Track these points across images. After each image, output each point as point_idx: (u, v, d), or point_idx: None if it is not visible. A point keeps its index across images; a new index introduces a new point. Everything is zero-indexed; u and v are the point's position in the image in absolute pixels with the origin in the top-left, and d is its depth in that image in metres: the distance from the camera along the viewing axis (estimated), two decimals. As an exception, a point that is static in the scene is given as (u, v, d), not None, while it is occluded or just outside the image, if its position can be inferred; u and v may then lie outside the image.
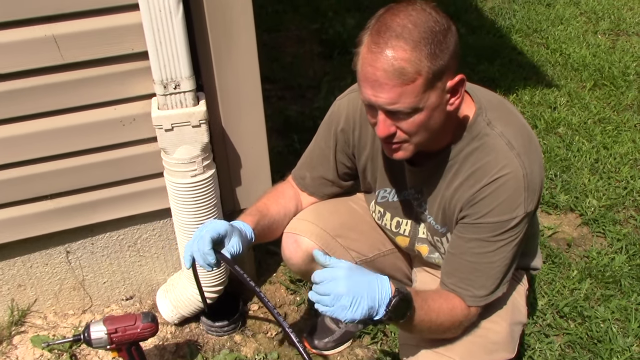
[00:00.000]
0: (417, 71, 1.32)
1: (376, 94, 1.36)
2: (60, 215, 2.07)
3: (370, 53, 1.34)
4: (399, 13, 1.35)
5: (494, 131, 1.50)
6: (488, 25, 4.53)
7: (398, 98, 1.35)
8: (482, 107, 1.53)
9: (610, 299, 2.37)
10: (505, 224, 1.50)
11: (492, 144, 1.50)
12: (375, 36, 1.35)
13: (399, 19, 1.34)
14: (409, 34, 1.32)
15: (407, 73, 1.32)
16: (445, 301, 1.55)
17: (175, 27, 1.77)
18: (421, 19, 1.34)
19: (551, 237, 2.70)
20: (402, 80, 1.32)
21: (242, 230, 1.62)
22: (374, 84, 1.35)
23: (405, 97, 1.34)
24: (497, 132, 1.50)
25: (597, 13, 4.70)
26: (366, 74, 1.36)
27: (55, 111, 1.91)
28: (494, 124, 1.51)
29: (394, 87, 1.33)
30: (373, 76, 1.34)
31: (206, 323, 2.24)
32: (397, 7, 1.38)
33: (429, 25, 1.33)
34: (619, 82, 3.80)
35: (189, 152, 1.93)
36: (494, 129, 1.50)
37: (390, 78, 1.33)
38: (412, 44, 1.32)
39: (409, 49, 1.31)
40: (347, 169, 1.84)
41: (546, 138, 3.28)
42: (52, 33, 1.79)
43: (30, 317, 2.28)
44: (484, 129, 1.51)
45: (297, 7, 4.78)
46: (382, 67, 1.33)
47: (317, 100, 3.58)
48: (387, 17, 1.36)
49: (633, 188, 2.93)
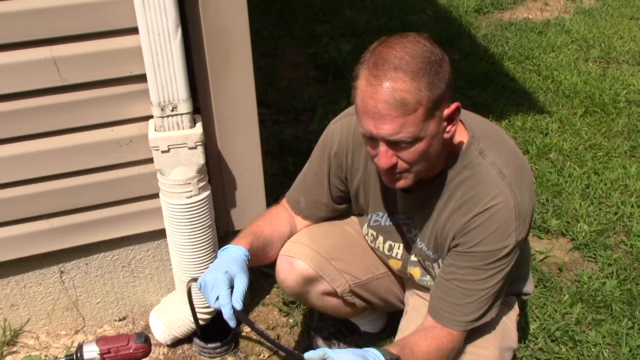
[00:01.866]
0: (418, 101, 1.35)
1: (378, 126, 1.38)
2: (55, 235, 2.08)
3: (370, 86, 1.36)
4: (395, 45, 1.38)
5: (486, 160, 1.53)
6: (481, 51, 4.59)
7: (400, 128, 1.37)
8: (475, 135, 1.56)
9: (601, 323, 2.38)
10: (497, 253, 1.52)
11: (484, 173, 1.52)
12: (373, 69, 1.37)
13: (395, 52, 1.37)
14: (407, 65, 1.35)
15: (409, 103, 1.34)
16: (431, 342, 1.56)
17: (174, 51, 1.80)
18: (417, 50, 1.37)
19: (543, 261, 2.72)
20: (404, 111, 1.35)
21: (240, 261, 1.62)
22: (375, 115, 1.37)
23: (407, 127, 1.37)
24: (488, 162, 1.52)
25: (588, 41, 4.78)
26: (367, 107, 1.38)
27: (53, 132, 1.93)
28: (485, 152, 1.53)
29: (396, 117, 1.35)
30: (374, 108, 1.36)
31: (199, 344, 2.24)
32: (391, 40, 1.41)
33: (425, 56, 1.36)
34: (609, 109, 3.85)
35: (185, 174, 1.95)
36: (486, 158, 1.53)
37: (392, 109, 1.35)
38: (411, 74, 1.34)
39: (409, 80, 1.34)
40: (341, 193, 1.86)
41: (538, 163, 3.32)
42: (52, 55, 1.82)
43: (22, 337, 2.27)
44: (475, 158, 1.53)
45: (292, 32, 4.84)
46: (384, 99, 1.35)
47: (312, 123, 3.61)
48: (383, 50, 1.38)
49: (623, 213, 2.96)
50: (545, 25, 5.05)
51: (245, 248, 1.66)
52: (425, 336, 1.58)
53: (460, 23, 5.08)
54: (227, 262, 1.60)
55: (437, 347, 1.56)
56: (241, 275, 1.57)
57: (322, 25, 4.96)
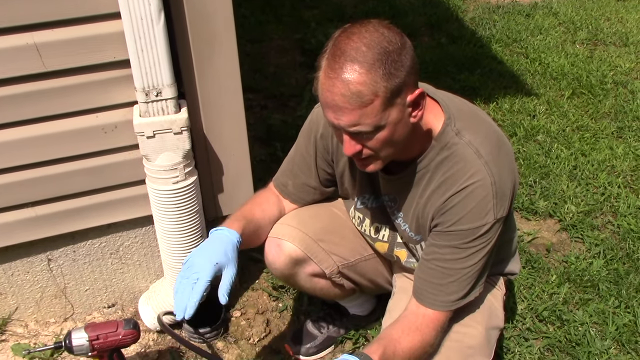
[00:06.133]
0: (374, 92, 1.35)
1: (338, 117, 1.39)
2: (41, 222, 2.07)
3: (328, 79, 1.37)
4: (352, 36, 1.37)
5: (462, 140, 1.53)
6: (468, 35, 4.59)
7: (358, 119, 1.38)
8: (452, 116, 1.56)
9: (588, 302, 2.40)
10: (475, 231, 1.53)
11: (461, 152, 1.53)
12: (331, 61, 1.37)
13: (352, 42, 1.36)
14: (363, 57, 1.34)
15: (364, 95, 1.34)
16: (414, 337, 1.57)
17: (157, 35, 1.79)
18: (375, 40, 1.36)
19: (530, 242, 2.73)
20: (361, 103, 1.35)
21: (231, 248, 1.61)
22: (334, 107, 1.38)
23: (365, 118, 1.37)
24: (465, 141, 1.53)
25: (575, 23, 4.78)
26: (326, 99, 1.39)
27: (37, 119, 1.91)
28: (462, 133, 1.54)
29: (353, 110, 1.36)
30: (332, 101, 1.38)
31: (188, 330, 2.24)
32: (351, 30, 1.40)
33: (382, 46, 1.36)
34: (596, 90, 3.86)
35: (171, 159, 1.94)
36: (462, 138, 1.53)
37: (348, 102, 1.36)
38: (366, 66, 1.34)
39: (364, 72, 1.34)
40: (328, 175, 1.87)
41: (525, 145, 3.33)
42: (34, 41, 1.80)
43: (11, 326, 2.27)
44: (452, 138, 1.54)
45: (280, 17, 4.81)
46: (340, 92, 1.35)
47: (300, 109, 3.61)
48: (341, 41, 1.38)
49: (610, 194, 2.98)
50: (532, 8, 5.05)
51: (238, 233, 1.66)
52: (409, 330, 1.58)
53: (447, 6, 5.07)
54: (218, 248, 1.59)
55: (421, 341, 1.57)
56: (230, 266, 1.58)
57: (310, 10, 4.94)
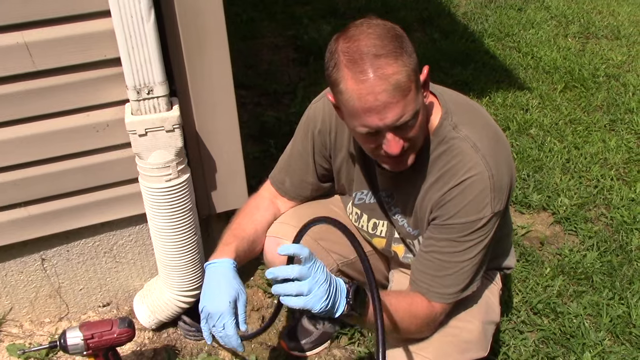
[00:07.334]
0: (408, 77, 1.35)
1: (383, 117, 1.36)
2: (34, 222, 2.06)
3: (361, 83, 1.34)
4: (359, 36, 1.36)
5: (460, 134, 1.53)
6: (461, 30, 4.59)
7: (403, 110, 1.36)
8: (449, 110, 1.56)
9: (582, 295, 2.42)
10: (473, 224, 1.53)
11: (458, 147, 1.53)
12: (353, 67, 1.34)
13: (363, 42, 1.35)
14: (383, 49, 1.34)
15: (403, 83, 1.34)
16: (403, 298, 1.57)
17: (148, 33, 1.78)
18: (381, 31, 1.36)
19: (524, 235, 2.74)
20: (402, 93, 1.35)
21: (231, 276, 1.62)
22: (378, 108, 1.35)
23: (407, 107, 1.37)
24: (462, 135, 1.53)
25: (567, 17, 4.79)
26: (366, 104, 1.35)
27: (27, 118, 1.90)
28: (459, 127, 1.54)
29: (398, 102, 1.35)
30: (375, 102, 1.34)
31: (184, 328, 2.24)
32: (350, 33, 1.38)
33: (391, 33, 1.36)
34: (588, 83, 3.87)
35: (163, 157, 1.93)
36: (460, 132, 1.54)
37: (392, 96, 1.34)
38: (392, 55, 1.33)
39: (393, 62, 1.33)
40: (325, 171, 1.87)
41: (519, 139, 3.33)
42: (23, 40, 1.79)
43: (5, 326, 2.26)
44: (449, 132, 1.54)
45: (272, 14, 4.80)
46: (381, 89, 1.33)
47: (293, 105, 3.60)
48: (350, 46, 1.36)
49: (603, 186, 3.00)
50: (524, 2, 5.06)
51: (231, 259, 1.65)
52: (400, 292, 1.60)
53: (440, 2, 5.07)
54: (223, 284, 1.60)
55: (409, 303, 1.56)
56: (241, 294, 1.60)
57: (302, 7, 4.93)
